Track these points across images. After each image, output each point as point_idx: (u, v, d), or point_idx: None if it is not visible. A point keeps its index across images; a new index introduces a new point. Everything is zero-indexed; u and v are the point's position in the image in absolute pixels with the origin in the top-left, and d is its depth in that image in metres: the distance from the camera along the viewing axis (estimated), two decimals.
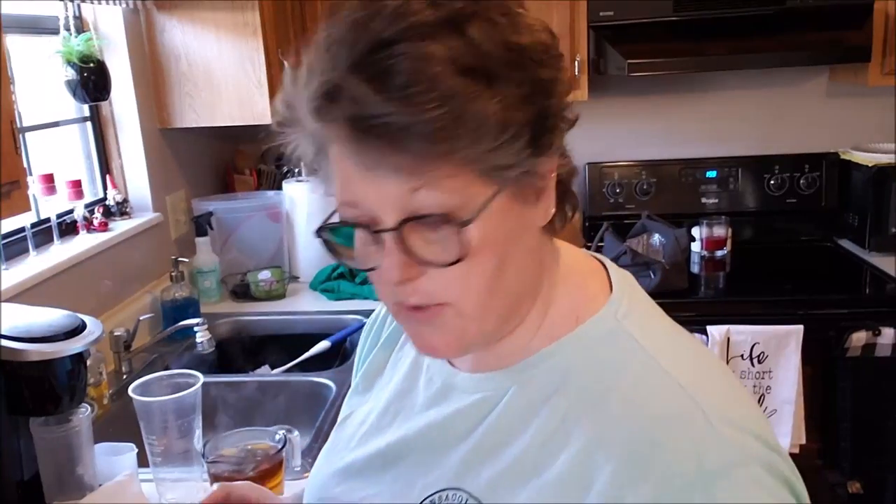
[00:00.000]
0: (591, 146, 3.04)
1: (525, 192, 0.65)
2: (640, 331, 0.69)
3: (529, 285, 0.70)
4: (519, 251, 0.66)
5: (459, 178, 0.60)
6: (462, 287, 0.64)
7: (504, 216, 0.63)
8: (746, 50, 2.61)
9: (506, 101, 0.59)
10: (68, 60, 2.10)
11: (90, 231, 2.18)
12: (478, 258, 0.63)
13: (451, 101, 0.57)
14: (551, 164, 0.66)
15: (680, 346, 0.71)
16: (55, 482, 1.38)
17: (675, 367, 0.66)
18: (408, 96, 0.56)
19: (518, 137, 0.60)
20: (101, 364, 1.83)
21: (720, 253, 2.79)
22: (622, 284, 0.74)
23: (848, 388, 2.33)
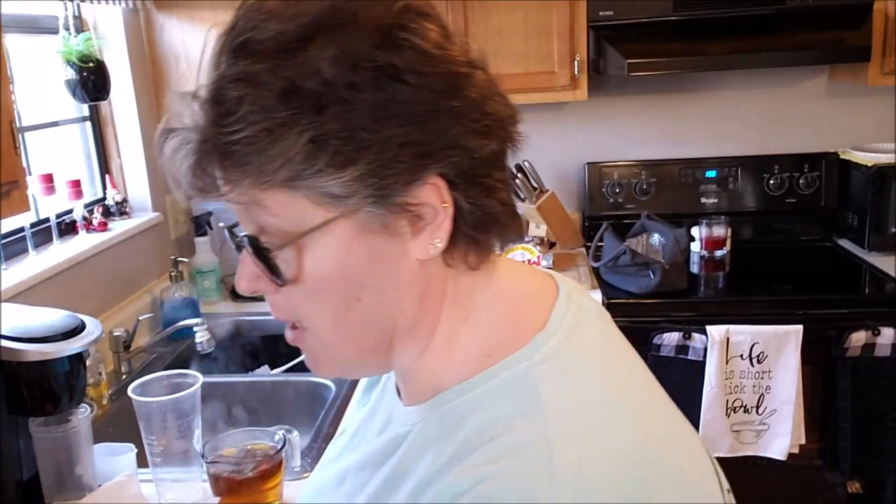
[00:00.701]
0: (591, 146, 3.04)
1: (386, 223, 0.61)
2: (549, 381, 0.62)
3: (402, 319, 0.66)
4: (381, 283, 0.63)
5: (293, 203, 0.59)
6: (309, 312, 0.65)
7: (350, 246, 0.61)
8: (746, 50, 2.61)
9: (327, 128, 0.57)
10: (68, 60, 2.10)
11: (90, 231, 2.18)
12: (319, 285, 0.63)
13: (258, 125, 0.56)
14: (428, 196, 0.60)
15: (596, 403, 0.61)
16: (54, 482, 1.38)
17: (563, 436, 0.57)
18: (222, 116, 0.57)
19: (344, 167, 0.57)
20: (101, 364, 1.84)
21: (720, 253, 2.79)
22: (562, 320, 0.67)
23: (847, 387, 2.33)
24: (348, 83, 0.56)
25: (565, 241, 2.87)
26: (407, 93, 0.58)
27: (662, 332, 2.33)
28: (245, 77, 0.57)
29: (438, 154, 0.59)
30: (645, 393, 0.66)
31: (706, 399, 2.30)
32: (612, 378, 0.65)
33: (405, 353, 0.68)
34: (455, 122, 0.60)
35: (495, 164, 0.64)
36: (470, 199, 0.62)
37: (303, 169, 0.58)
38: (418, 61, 0.58)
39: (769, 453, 2.35)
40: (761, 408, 2.34)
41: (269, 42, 0.57)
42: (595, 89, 2.77)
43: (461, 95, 0.60)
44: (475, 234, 0.64)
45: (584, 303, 0.70)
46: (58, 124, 2.24)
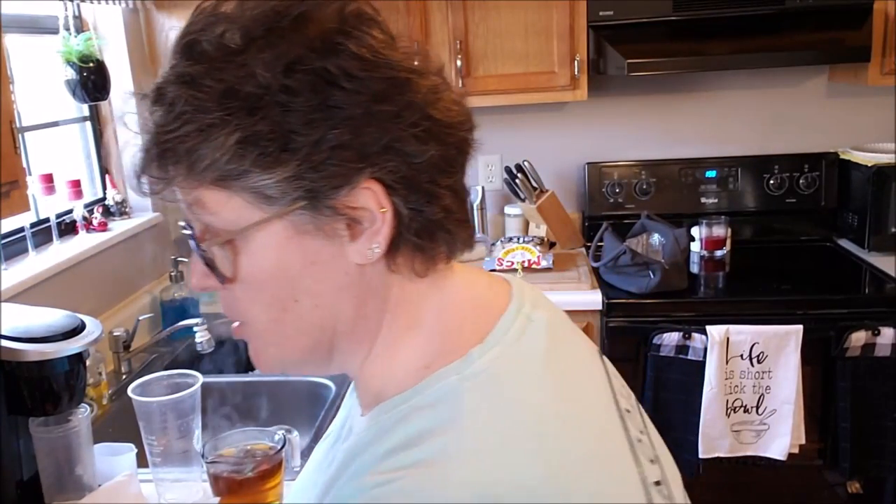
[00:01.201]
0: (591, 146, 3.04)
1: (321, 226, 0.61)
2: (474, 397, 0.61)
3: (341, 323, 0.66)
4: (317, 286, 0.64)
5: (228, 203, 0.61)
6: (248, 310, 0.66)
7: (285, 247, 0.62)
8: (746, 50, 2.61)
9: (257, 129, 0.58)
10: (68, 60, 2.10)
11: (89, 231, 2.18)
12: (256, 284, 0.64)
13: (191, 124, 0.59)
14: (365, 201, 0.61)
15: (517, 422, 0.59)
16: (54, 482, 1.38)
17: (471, 454, 0.56)
18: (161, 115, 0.60)
19: (272, 167, 0.59)
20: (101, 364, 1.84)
21: (720, 253, 2.79)
22: (504, 334, 0.65)
23: (847, 387, 2.33)
24: (283, 86, 0.58)
25: (565, 241, 2.87)
26: (342, 97, 0.59)
27: (662, 332, 2.33)
28: (184, 78, 0.59)
29: (373, 158, 0.60)
30: (577, 410, 0.64)
31: (706, 399, 2.30)
32: (543, 396, 0.62)
33: (348, 357, 0.69)
34: (391, 126, 0.60)
35: (441, 170, 0.63)
36: (410, 204, 0.62)
37: (231, 169, 0.59)
38: (354, 66, 0.59)
39: (769, 453, 2.35)
40: (761, 408, 2.34)
41: (213, 44, 0.60)
42: (595, 89, 2.77)
43: (398, 100, 0.60)
44: (418, 241, 0.64)
45: (534, 315, 0.69)
46: (58, 124, 2.24)
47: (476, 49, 2.65)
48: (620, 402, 0.69)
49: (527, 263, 2.61)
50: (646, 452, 0.65)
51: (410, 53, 0.64)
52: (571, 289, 2.51)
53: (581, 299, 2.46)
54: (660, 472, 0.65)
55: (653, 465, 0.65)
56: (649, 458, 0.65)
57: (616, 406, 0.68)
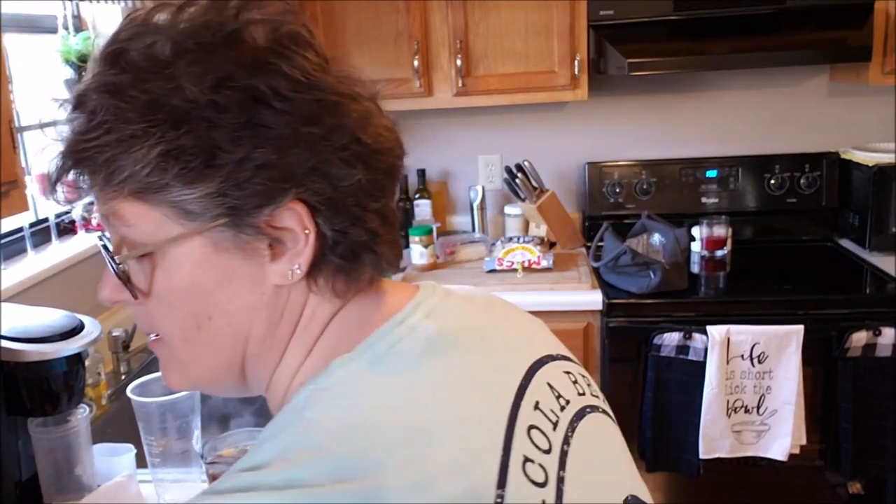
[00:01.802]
0: (591, 146, 3.04)
1: (242, 244, 0.61)
2: (317, 407, 0.59)
3: (252, 344, 0.65)
4: (233, 304, 0.63)
5: (147, 215, 0.60)
6: (162, 325, 0.66)
7: (202, 264, 0.61)
8: (747, 49, 2.61)
9: (181, 143, 0.57)
10: (67, 60, 2.09)
11: (88, 231, 2.18)
12: (171, 299, 0.63)
13: (111, 134, 0.58)
14: (288, 221, 0.60)
15: (344, 425, 0.57)
16: (54, 483, 1.37)
17: (285, 460, 0.55)
18: (80, 123, 0.60)
19: (194, 183, 0.58)
20: (100, 364, 1.83)
21: (720, 253, 2.78)
22: (374, 344, 0.63)
23: (848, 388, 2.32)
24: (211, 102, 0.57)
25: (565, 241, 2.87)
26: (270, 116, 0.58)
27: (663, 333, 2.33)
28: (108, 87, 0.59)
29: (299, 179, 0.59)
30: (418, 419, 0.58)
31: (707, 399, 2.30)
32: (393, 404, 0.59)
33: (256, 379, 0.68)
34: (318, 149, 0.59)
35: (368, 194, 0.63)
36: (335, 226, 0.62)
37: (151, 182, 0.58)
38: (284, 86, 0.59)
39: (770, 454, 2.35)
40: (762, 408, 2.34)
41: (141, 54, 0.59)
42: (595, 89, 2.77)
43: (327, 123, 0.60)
44: (341, 262, 0.63)
45: (420, 325, 0.65)
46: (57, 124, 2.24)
47: (476, 48, 2.65)
48: (525, 418, 0.62)
49: (527, 263, 2.61)
50: (532, 474, 0.59)
51: (343, 77, 0.64)
52: (572, 289, 2.50)
53: (581, 299, 2.46)
54: (550, 495, 0.60)
55: (541, 487, 0.59)
56: (536, 480, 0.59)
57: (508, 423, 0.61)
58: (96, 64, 0.61)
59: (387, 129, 0.65)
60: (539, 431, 0.63)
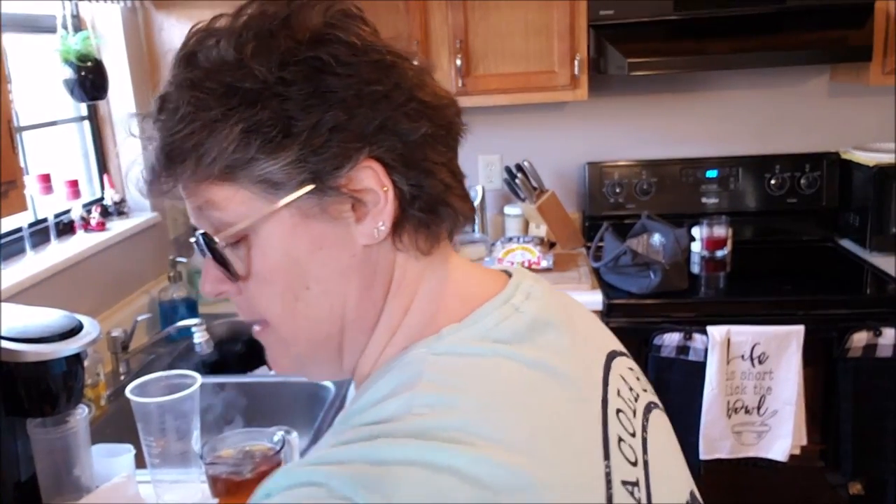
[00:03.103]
0: (591, 146, 3.04)
1: (327, 208, 0.63)
2: (434, 372, 0.61)
3: (349, 309, 0.67)
4: (326, 270, 0.65)
5: (236, 196, 0.64)
6: (263, 306, 0.68)
7: (293, 234, 0.64)
8: (747, 49, 2.60)
9: (258, 118, 0.61)
10: (66, 59, 2.09)
11: (87, 231, 2.18)
12: (268, 277, 0.66)
13: (195, 122, 0.62)
14: (367, 180, 0.63)
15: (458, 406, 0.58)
16: (52, 483, 1.37)
17: (407, 431, 0.56)
18: (165, 119, 0.64)
19: (276, 152, 0.62)
20: (99, 365, 1.83)
21: (720, 253, 2.78)
22: (482, 318, 0.66)
23: (849, 388, 2.32)
24: (279, 79, 0.61)
25: (565, 242, 2.86)
26: (334, 81, 0.62)
27: (663, 333, 2.33)
28: (185, 82, 0.63)
29: (370, 137, 0.63)
30: (528, 398, 0.62)
31: (707, 400, 2.29)
32: (495, 382, 0.61)
33: (352, 348, 0.70)
34: (383, 106, 0.63)
35: (432, 147, 0.66)
36: (410, 181, 0.65)
37: (237, 158, 0.62)
38: (344, 52, 0.63)
39: (770, 455, 2.35)
40: (762, 409, 2.34)
41: (209, 52, 0.64)
42: (595, 89, 2.76)
43: (387, 82, 0.64)
44: (422, 216, 0.66)
45: (523, 306, 0.69)
46: (56, 124, 2.23)
47: (476, 48, 2.65)
48: (613, 402, 0.68)
49: (527, 264, 2.60)
50: (627, 452, 0.65)
51: (393, 44, 0.67)
52: (571, 289, 2.50)
53: (581, 300, 2.43)
54: (640, 475, 0.65)
55: (633, 466, 0.64)
56: (630, 459, 0.64)
57: (602, 403, 0.67)
58: (171, 69, 0.66)
59: (437, 87, 0.69)
60: (624, 416, 0.68)
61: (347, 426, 0.60)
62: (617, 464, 0.63)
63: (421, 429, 0.56)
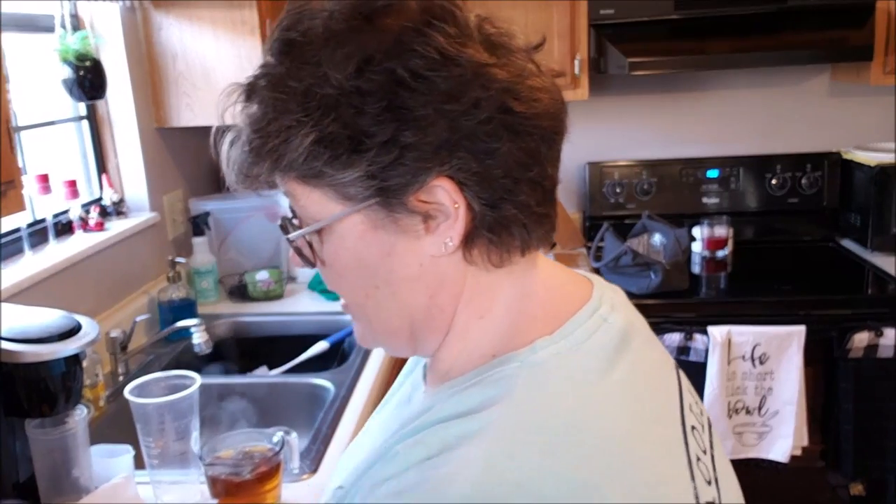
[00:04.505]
0: (592, 145, 3.03)
1: (396, 221, 0.63)
2: (528, 386, 0.62)
3: (417, 311, 0.68)
4: (395, 276, 0.66)
5: (311, 196, 0.65)
6: (339, 290, 0.71)
7: (363, 240, 0.65)
8: (748, 49, 2.60)
9: (330, 130, 0.60)
10: (64, 59, 2.08)
11: (86, 231, 2.17)
12: (340, 270, 0.68)
13: (274, 124, 0.62)
14: (438, 196, 0.62)
15: (554, 426, 0.59)
16: (51, 484, 1.36)
17: (507, 448, 0.57)
18: (250, 114, 0.64)
19: (345, 168, 0.61)
20: (98, 365, 1.82)
21: (721, 253, 2.78)
22: (573, 331, 0.66)
23: (850, 389, 2.32)
24: (354, 88, 0.60)
25: (566, 242, 2.86)
26: (409, 98, 0.59)
27: (664, 333, 2.32)
28: (270, 80, 0.63)
29: (443, 157, 0.60)
30: (629, 418, 0.62)
31: (708, 400, 2.29)
32: (591, 404, 0.61)
33: (425, 343, 0.71)
34: (460, 125, 0.60)
35: (519, 165, 0.63)
36: (483, 200, 0.62)
37: (307, 168, 0.63)
38: (422, 66, 0.59)
39: (771, 455, 2.34)
40: (763, 409, 2.33)
41: (297, 43, 0.62)
42: (596, 88, 2.76)
43: (467, 98, 0.60)
44: (491, 236, 0.64)
45: (610, 317, 0.69)
46: (54, 123, 2.23)
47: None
48: (688, 418, 0.68)
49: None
50: (703, 472, 0.65)
51: (493, 38, 0.64)
52: None
53: None
54: (715, 494, 0.65)
55: (709, 485, 0.65)
56: (706, 478, 0.65)
57: (682, 421, 0.67)
58: (264, 53, 0.65)
59: (543, 89, 0.65)
60: (697, 433, 0.68)
61: (430, 432, 0.62)
62: (700, 486, 0.63)
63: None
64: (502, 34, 0.66)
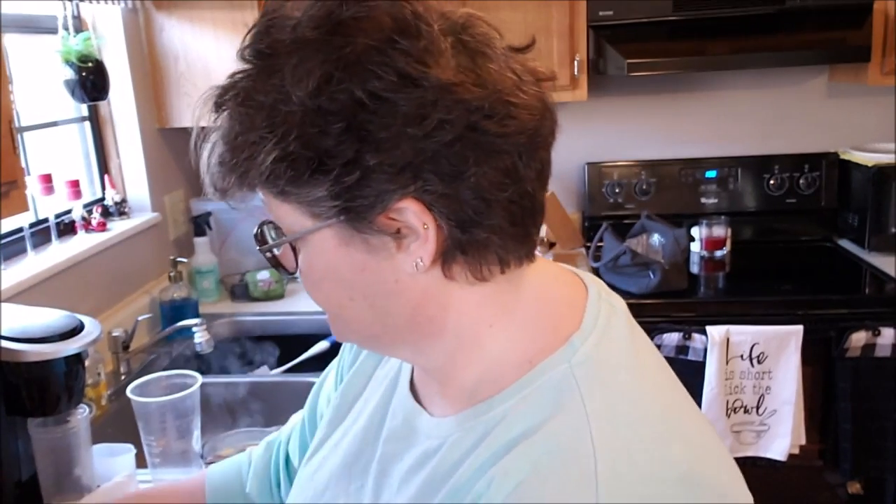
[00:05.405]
0: (591, 146, 3.04)
1: (365, 239, 0.62)
2: (590, 383, 0.62)
3: (400, 323, 0.67)
4: (370, 290, 0.65)
5: (283, 207, 0.64)
6: (315, 297, 0.70)
7: (335, 254, 0.64)
8: (746, 50, 2.61)
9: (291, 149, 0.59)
10: (67, 60, 2.09)
11: (88, 231, 2.18)
12: (315, 280, 0.68)
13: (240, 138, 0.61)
14: (406, 217, 0.60)
15: (637, 410, 0.61)
16: (53, 483, 1.37)
17: (605, 435, 0.58)
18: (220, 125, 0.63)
19: (306, 188, 0.61)
20: (100, 365, 1.83)
21: (720, 253, 2.78)
22: (596, 320, 0.67)
23: (848, 388, 2.32)
24: (316, 107, 0.58)
25: (565, 242, 2.87)
26: (371, 120, 0.58)
27: (662, 333, 2.33)
28: (239, 92, 0.62)
29: (406, 179, 0.59)
30: (675, 395, 0.67)
31: (706, 400, 2.30)
32: (647, 381, 0.65)
33: (420, 350, 0.70)
34: (423, 147, 0.58)
35: (492, 183, 0.60)
36: (452, 223, 0.61)
37: (271, 185, 0.62)
38: (383, 88, 0.57)
39: (769, 454, 2.35)
40: (761, 408, 2.34)
41: (264, 55, 0.61)
42: (595, 89, 2.77)
43: (432, 120, 0.58)
44: (465, 257, 0.63)
45: (612, 301, 0.71)
46: (56, 124, 2.24)
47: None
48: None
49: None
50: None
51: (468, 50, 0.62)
52: None
53: None
54: None
55: None
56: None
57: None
58: (237, 57, 0.64)
59: (520, 105, 0.62)
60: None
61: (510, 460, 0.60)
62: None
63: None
64: (481, 42, 0.63)
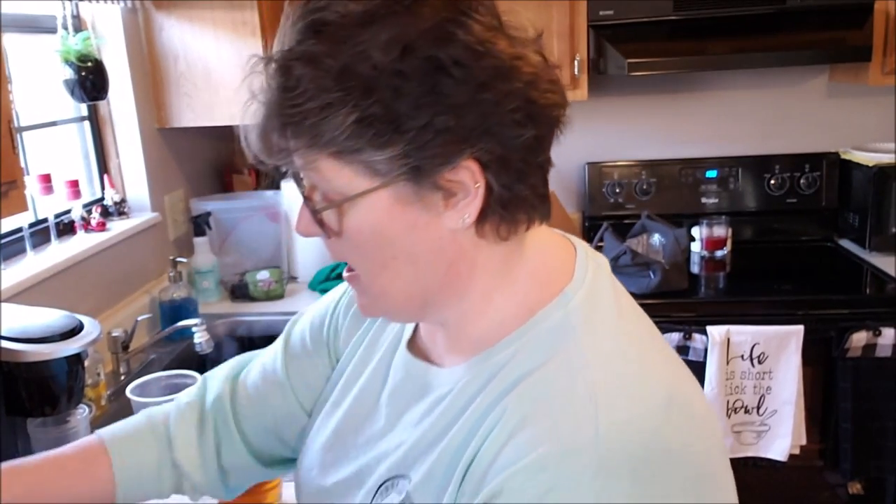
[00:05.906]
0: (591, 146, 3.04)
1: (421, 197, 0.67)
2: (585, 328, 0.70)
3: (432, 281, 0.72)
4: (413, 248, 0.70)
5: (341, 171, 0.67)
6: (353, 261, 0.74)
7: (387, 214, 0.68)
8: (746, 49, 2.60)
9: (371, 111, 0.63)
10: (66, 60, 2.09)
11: (88, 231, 2.18)
12: (359, 242, 0.70)
13: (314, 102, 0.64)
14: (461, 176, 0.66)
15: (623, 340, 0.71)
16: None
17: (600, 363, 0.67)
18: (285, 90, 0.65)
19: (384, 147, 0.64)
20: (99, 365, 1.83)
21: (720, 253, 2.78)
22: (585, 274, 0.75)
23: (848, 388, 2.32)
24: (396, 71, 0.62)
25: None
26: (449, 84, 0.63)
27: (663, 333, 2.32)
28: (307, 57, 0.64)
29: (473, 140, 0.65)
30: (660, 343, 0.76)
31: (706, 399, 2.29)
32: (630, 324, 0.74)
33: (441, 308, 0.75)
34: (493, 113, 0.65)
35: (532, 150, 0.68)
36: (501, 182, 0.67)
37: (348, 145, 0.65)
38: (463, 55, 0.63)
39: (770, 454, 2.35)
40: (762, 408, 2.34)
41: (333, 23, 0.64)
42: (595, 89, 2.76)
43: (501, 88, 0.64)
44: (504, 213, 0.69)
45: (597, 259, 0.78)
46: (56, 124, 2.23)
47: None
48: None
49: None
50: None
51: (516, 37, 0.69)
52: None
53: None
54: None
55: None
56: None
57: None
58: (294, 31, 0.66)
59: (552, 82, 0.70)
60: None
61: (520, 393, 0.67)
62: None
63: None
64: (516, 27, 0.70)
